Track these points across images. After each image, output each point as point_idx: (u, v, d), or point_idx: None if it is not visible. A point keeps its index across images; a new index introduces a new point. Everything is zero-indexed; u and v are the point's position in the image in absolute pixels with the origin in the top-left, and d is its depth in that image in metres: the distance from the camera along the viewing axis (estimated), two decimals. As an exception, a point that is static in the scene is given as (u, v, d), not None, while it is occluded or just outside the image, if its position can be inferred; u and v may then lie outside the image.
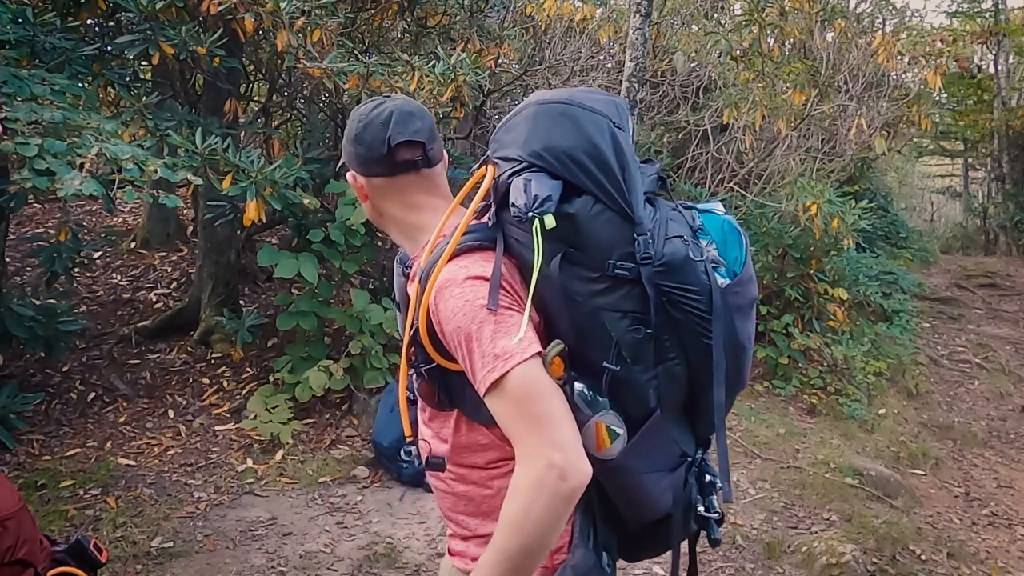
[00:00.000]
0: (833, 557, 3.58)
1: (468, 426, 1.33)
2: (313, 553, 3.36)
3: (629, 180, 1.26)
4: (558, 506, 1.14)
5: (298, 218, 4.65)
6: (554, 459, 1.14)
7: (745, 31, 5.86)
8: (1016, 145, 12.53)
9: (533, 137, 1.28)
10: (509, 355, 1.17)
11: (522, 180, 1.23)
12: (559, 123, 1.28)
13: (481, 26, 5.48)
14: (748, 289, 1.36)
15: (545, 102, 1.32)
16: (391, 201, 1.41)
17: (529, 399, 1.17)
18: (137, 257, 6.20)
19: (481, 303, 1.20)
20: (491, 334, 1.18)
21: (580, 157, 1.25)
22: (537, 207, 1.20)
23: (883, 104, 6.90)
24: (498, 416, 1.20)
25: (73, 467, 3.86)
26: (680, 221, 1.32)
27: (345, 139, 1.43)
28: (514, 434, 1.18)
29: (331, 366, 4.37)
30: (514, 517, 1.16)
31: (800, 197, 5.74)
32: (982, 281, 9.67)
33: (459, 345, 1.22)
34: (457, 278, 1.24)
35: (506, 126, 1.35)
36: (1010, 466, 5.40)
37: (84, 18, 4.07)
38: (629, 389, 1.26)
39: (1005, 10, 12.74)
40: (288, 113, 6.16)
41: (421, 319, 1.25)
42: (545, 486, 1.13)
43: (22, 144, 2.67)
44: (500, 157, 1.32)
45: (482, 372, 1.19)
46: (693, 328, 1.27)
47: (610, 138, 1.28)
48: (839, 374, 5.95)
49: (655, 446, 1.31)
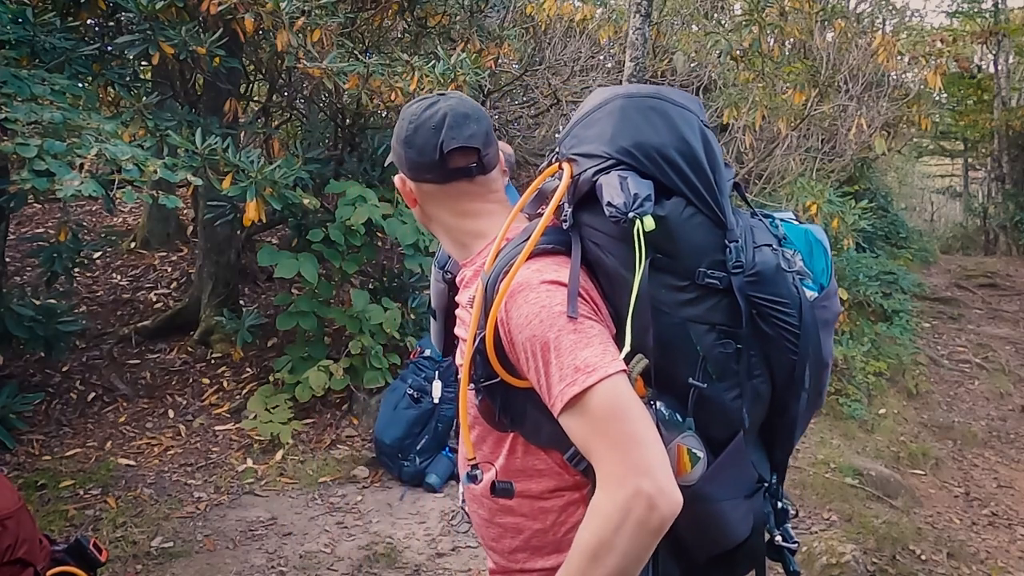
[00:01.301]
0: (833, 557, 3.58)
1: (525, 449, 1.21)
2: (313, 553, 3.36)
3: (720, 182, 1.18)
4: (646, 538, 1.03)
5: (298, 218, 4.65)
6: (643, 485, 1.02)
7: (745, 31, 5.86)
8: (1016, 145, 12.53)
9: (621, 132, 1.17)
10: (592, 368, 1.06)
11: (616, 178, 1.13)
12: (649, 118, 1.18)
13: (481, 26, 5.48)
14: (834, 303, 1.29)
15: (633, 95, 1.22)
16: (442, 208, 1.32)
17: (615, 418, 1.05)
18: (137, 257, 6.20)
19: (560, 310, 1.10)
20: (571, 344, 1.08)
21: (672, 155, 1.15)
22: (637, 207, 1.09)
23: (883, 104, 6.90)
24: (576, 436, 1.09)
25: (73, 467, 3.86)
26: (763, 229, 1.23)
27: (395, 139, 1.33)
28: (596, 456, 1.06)
29: (331, 366, 4.37)
30: (595, 547, 1.04)
31: (800, 197, 5.74)
32: (982, 281, 9.66)
33: (532, 356, 1.11)
34: (532, 282, 1.13)
35: (585, 121, 1.23)
36: (1010, 466, 5.40)
37: (84, 18, 4.07)
38: (714, 408, 1.16)
39: (1005, 10, 12.73)
40: (288, 113, 6.16)
41: (489, 328, 1.13)
42: (632, 515, 1.01)
43: (22, 145, 2.67)
44: (579, 153, 1.20)
45: (560, 386, 1.07)
46: (782, 344, 1.17)
47: (700, 136, 1.19)
48: (839, 374, 5.95)
49: (736, 470, 1.20)
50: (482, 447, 1.25)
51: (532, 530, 1.23)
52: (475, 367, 1.17)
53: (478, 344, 1.15)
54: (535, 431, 1.19)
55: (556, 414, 1.10)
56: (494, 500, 1.25)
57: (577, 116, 1.26)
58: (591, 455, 1.08)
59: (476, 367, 1.17)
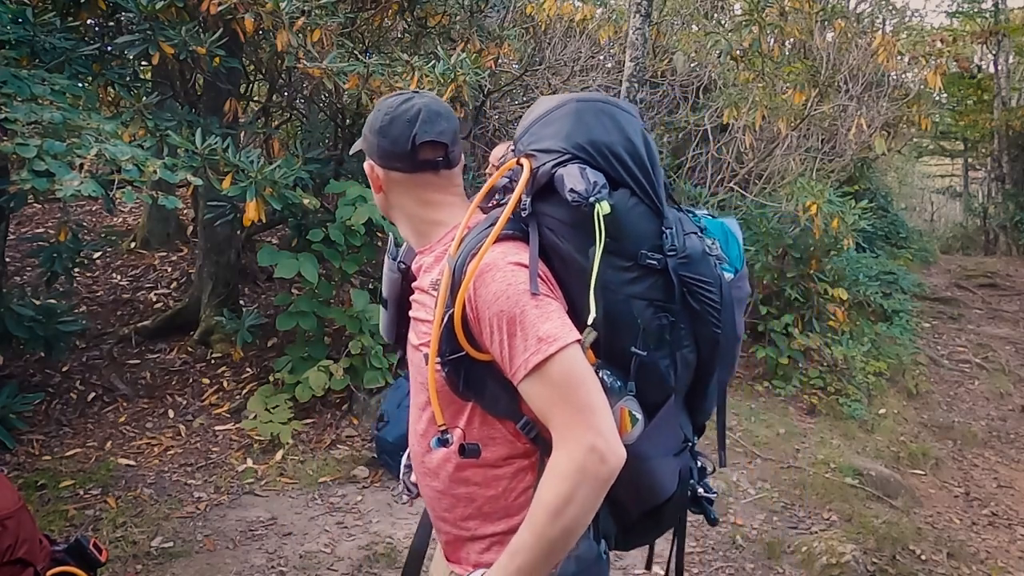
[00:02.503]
0: (833, 557, 3.58)
1: (482, 419, 1.33)
2: (313, 553, 3.36)
3: (658, 177, 1.35)
4: (599, 490, 1.19)
5: (298, 218, 4.65)
6: (596, 444, 1.17)
7: (745, 31, 5.86)
8: (1016, 145, 12.53)
9: (576, 131, 1.32)
10: (553, 339, 1.20)
11: (576, 168, 1.27)
12: (600, 120, 1.34)
13: (481, 26, 5.48)
14: (745, 284, 1.47)
15: (585, 100, 1.38)
16: (406, 196, 1.44)
17: (572, 385, 1.20)
18: (137, 257, 6.20)
19: (524, 288, 1.23)
20: (534, 318, 1.21)
21: (620, 152, 1.31)
22: (596, 192, 1.24)
23: (883, 104, 6.90)
24: (535, 399, 1.22)
25: (73, 467, 3.86)
26: (688, 221, 1.40)
27: (368, 128, 1.44)
28: (553, 418, 1.20)
29: (331, 366, 4.37)
30: (556, 502, 1.18)
31: (800, 197, 5.74)
32: (982, 281, 9.67)
33: (497, 329, 1.23)
34: (498, 263, 1.26)
35: (543, 120, 1.38)
36: (1010, 466, 5.40)
37: (84, 18, 4.07)
38: (651, 375, 1.31)
39: (1005, 10, 12.73)
40: (288, 113, 6.16)
41: (457, 305, 1.25)
42: (587, 471, 1.17)
43: (21, 145, 2.67)
44: (538, 149, 1.34)
45: (524, 355, 1.20)
46: (707, 318, 1.34)
47: (642, 137, 1.36)
48: (839, 374, 5.95)
49: (667, 431, 1.36)
50: (446, 415, 1.36)
51: (485, 497, 1.34)
52: (442, 342, 1.28)
53: (447, 321, 1.26)
54: (493, 402, 1.31)
55: (518, 381, 1.22)
56: (454, 469, 1.36)
57: (533, 117, 1.40)
58: (549, 417, 1.21)
59: (443, 342, 1.28)
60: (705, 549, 3.70)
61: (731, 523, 3.94)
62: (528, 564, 1.21)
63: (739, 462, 4.64)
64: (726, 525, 3.92)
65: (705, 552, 3.68)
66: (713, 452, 1.61)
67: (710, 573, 3.54)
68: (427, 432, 1.39)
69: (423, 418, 1.42)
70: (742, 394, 5.69)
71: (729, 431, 5.01)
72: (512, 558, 1.23)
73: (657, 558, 1.76)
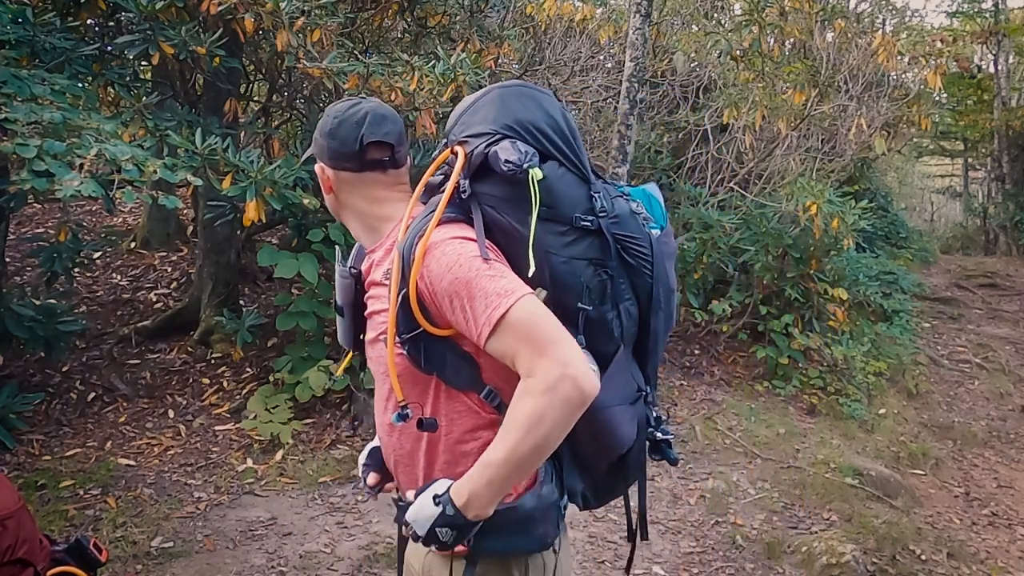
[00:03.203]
0: (833, 557, 3.58)
1: (447, 394, 1.40)
2: (313, 553, 3.36)
3: (580, 149, 1.47)
4: (572, 411, 1.25)
5: (298, 218, 4.65)
6: (567, 371, 1.23)
7: (745, 31, 5.86)
8: (1016, 145, 12.53)
9: (502, 113, 1.43)
10: (510, 292, 1.28)
11: (508, 143, 1.37)
12: (523, 101, 1.45)
13: (481, 26, 5.48)
14: (671, 240, 1.58)
15: (506, 86, 1.51)
16: (355, 194, 1.53)
17: (535, 325, 1.27)
18: (137, 257, 6.20)
19: (474, 255, 1.31)
20: (488, 279, 1.29)
21: (544, 128, 1.43)
22: (528, 160, 1.34)
23: (883, 104, 6.90)
24: (502, 348, 1.29)
25: (73, 467, 3.86)
26: (613, 188, 1.51)
27: (318, 132, 1.54)
28: (523, 357, 1.27)
29: (331, 366, 4.37)
30: (529, 419, 1.24)
31: (800, 197, 5.74)
32: (982, 281, 9.67)
33: (456, 297, 1.30)
34: (444, 239, 1.34)
35: (471, 108, 1.48)
36: (1010, 466, 5.40)
37: (84, 18, 4.07)
38: (599, 328, 1.41)
39: (1005, 10, 12.74)
40: (288, 113, 6.16)
41: (411, 283, 1.33)
42: (559, 392, 1.23)
43: (21, 145, 2.67)
44: (469, 135, 1.43)
45: (485, 313, 1.27)
46: (641, 271, 1.45)
47: (562, 114, 1.47)
48: (839, 374, 5.95)
49: (621, 381, 1.44)
50: (411, 395, 1.42)
51: (455, 474, 1.37)
52: (399, 322, 1.35)
53: (402, 300, 1.34)
54: (455, 374, 1.39)
55: (484, 340, 1.29)
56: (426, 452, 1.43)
57: (460, 109, 1.50)
58: (516, 357, 1.27)
59: (399, 322, 1.35)
60: (705, 549, 3.70)
61: (731, 523, 3.94)
62: (497, 478, 1.28)
63: (739, 462, 4.64)
64: (726, 525, 3.92)
65: (705, 552, 3.68)
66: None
67: (710, 573, 3.54)
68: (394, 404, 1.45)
69: (389, 408, 1.46)
70: (742, 394, 5.69)
71: (729, 431, 5.02)
72: (482, 471, 1.29)
73: (656, 558, 1.77)
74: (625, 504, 1.64)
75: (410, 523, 1.36)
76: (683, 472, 4.43)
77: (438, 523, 1.32)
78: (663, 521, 3.89)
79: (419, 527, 1.34)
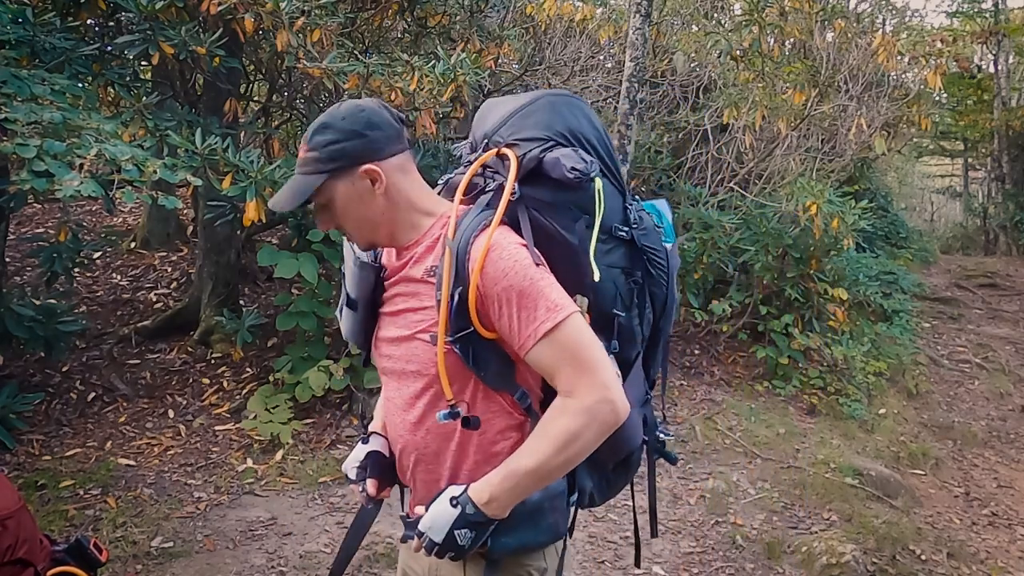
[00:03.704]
0: (833, 557, 3.58)
1: (484, 394, 1.41)
2: (313, 553, 3.36)
3: (617, 161, 1.53)
4: (604, 433, 1.32)
5: (298, 218, 4.65)
6: (607, 395, 1.30)
7: (745, 31, 5.86)
8: (1016, 145, 12.53)
9: (555, 121, 1.45)
10: (560, 307, 1.32)
11: (571, 151, 1.40)
12: (572, 111, 1.48)
13: (481, 26, 5.47)
14: (677, 254, 1.63)
15: (556, 94, 1.52)
16: (408, 177, 1.46)
17: (581, 345, 1.32)
18: (137, 257, 6.20)
19: (529, 262, 1.34)
20: (540, 289, 1.32)
21: (591, 139, 1.47)
22: (594, 170, 1.39)
23: (883, 104, 6.90)
24: (544, 360, 1.33)
25: (73, 467, 3.86)
26: (636, 202, 1.57)
27: (351, 136, 1.40)
28: (561, 374, 1.32)
29: (331, 366, 4.37)
30: (565, 436, 1.30)
31: (800, 197, 5.74)
32: (982, 281, 9.67)
33: (506, 303, 1.33)
34: (502, 243, 1.35)
35: (521, 112, 1.48)
36: (1010, 466, 5.40)
37: (84, 18, 4.06)
38: (627, 333, 1.49)
39: (1005, 10, 12.73)
40: (288, 113, 6.15)
41: (473, 283, 1.33)
42: (597, 416, 1.30)
43: (21, 145, 2.66)
44: (520, 138, 1.44)
45: (533, 324, 1.31)
46: (659, 281, 1.52)
47: (602, 127, 1.53)
48: (839, 374, 5.95)
49: (636, 385, 1.52)
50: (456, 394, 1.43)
51: (482, 473, 1.39)
52: (451, 321, 1.35)
53: (458, 299, 1.34)
54: (496, 374, 1.40)
55: (528, 348, 1.32)
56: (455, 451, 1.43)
57: (506, 111, 1.50)
58: (557, 373, 1.33)
59: (452, 321, 1.35)
60: (705, 549, 3.70)
61: (731, 523, 3.94)
62: (521, 486, 1.34)
63: (739, 462, 4.64)
64: (726, 525, 3.92)
65: (705, 552, 3.68)
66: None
67: (710, 573, 3.54)
68: (423, 419, 1.45)
69: (417, 405, 1.45)
70: (742, 394, 5.69)
71: (729, 431, 5.02)
72: (508, 476, 1.33)
73: (656, 558, 1.78)
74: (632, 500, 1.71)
75: (424, 532, 1.36)
76: (683, 472, 4.43)
77: (457, 525, 1.34)
78: (663, 521, 3.89)
79: (436, 533, 1.35)
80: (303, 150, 1.43)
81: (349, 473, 1.60)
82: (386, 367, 1.51)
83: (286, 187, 1.45)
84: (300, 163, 1.44)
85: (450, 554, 1.36)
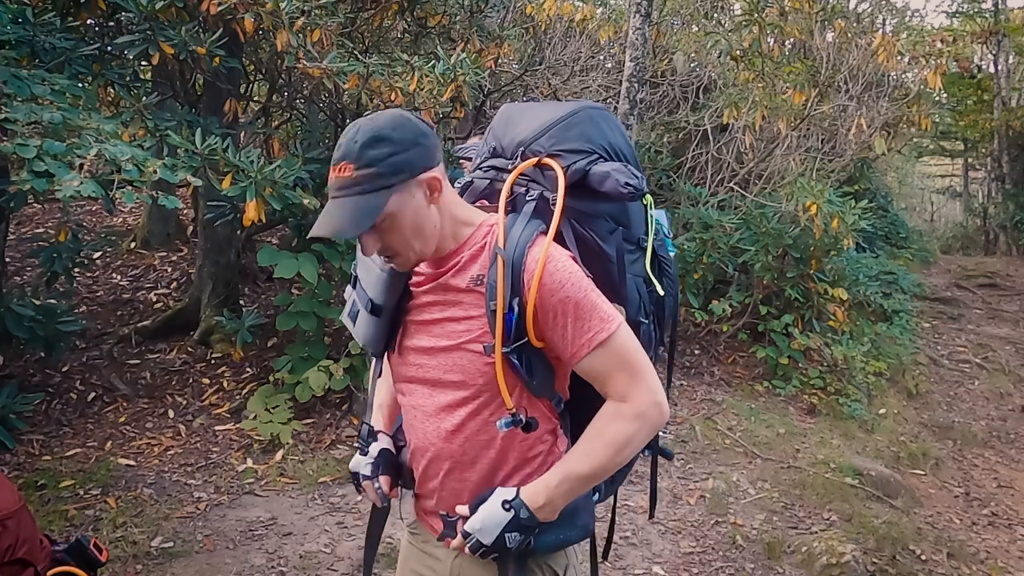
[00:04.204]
0: (833, 557, 3.58)
1: (528, 401, 1.42)
2: (313, 553, 3.36)
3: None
4: (652, 434, 1.41)
5: (298, 218, 4.65)
6: (657, 399, 1.38)
7: (745, 31, 5.86)
8: (1016, 145, 12.53)
9: (597, 134, 1.49)
10: (612, 318, 1.37)
11: (621, 166, 1.44)
12: (609, 125, 1.53)
13: (481, 26, 5.48)
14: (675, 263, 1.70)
15: (595, 107, 1.55)
16: (448, 189, 1.42)
17: (632, 353, 1.38)
18: (137, 257, 6.20)
19: (581, 274, 1.38)
20: (594, 300, 1.37)
21: (627, 153, 1.52)
22: (644, 185, 1.45)
23: (883, 104, 6.90)
24: (600, 368, 1.37)
25: (73, 467, 3.86)
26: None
27: (409, 145, 1.33)
28: (619, 381, 1.37)
29: (331, 366, 4.37)
30: (620, 441, 1.37)
31: (800, 197, 5.74)
32: (982, 281, 9.67)
33: (562, 314, 1.35)
34: (557, 255, 1.37)
35: (562, 123, 1.49)
36: (1010, 466, 5.40)
37: (84, 18, 4.06)
38: (647, 339, 1.53)
39: (1005, 10, 12.73)
40: (288, 113, 6.16)
41: (532, 294, 1.34)
42: (649, 419, 1.37)
43: (21, 145, 2.66)
44: (563, 150, 1.46)
45: (587, 335, 1.35)
46: (669, 288, 1.60)
47: (631, 142, 1.59)
48: (839, 374, 5.95)
49: None
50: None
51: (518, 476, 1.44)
52: (506, 330, 1.36)
53: (518, 309, 1.35)
54: (543, 383, 1.43)
55: (581, 356, 1.36)
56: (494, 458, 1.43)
57: (544, 121, 1.50)
58: (610, 382, 1.38)
59: (507, 330, 1.36)
60: (705, 549, 3.70)
61: (731, 523, 3.94)
62: (575, 490, 1.39)
63: (739, 462, 4.64)
64: (726, 525, 3.92)
65: (705, 552, 3.68)
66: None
67: (710, 573, 3.54)
68: (462, 427, 1.43)
69: (457, 414, 1.43)
70: (742, 394, 5.69)
71: (729, 431, 5.01)
72: (563, 481, 1.37)
73: (656, 558, 1.81)
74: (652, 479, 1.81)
75: (471, 533, 1.38)
76: (683, 472, 4.43)
77: (509, 528, 1.36)
78: (663, 521, 3.89)
79: (486, 535, 1.37)
80: (348, 169, 1.31)
81: (363, 470, 1.59)
82: (414, 375, 1.48)
83: (339, 211, 1.32)
84: (351, 182, 1.30)
85: (494, 555, 1.39)
